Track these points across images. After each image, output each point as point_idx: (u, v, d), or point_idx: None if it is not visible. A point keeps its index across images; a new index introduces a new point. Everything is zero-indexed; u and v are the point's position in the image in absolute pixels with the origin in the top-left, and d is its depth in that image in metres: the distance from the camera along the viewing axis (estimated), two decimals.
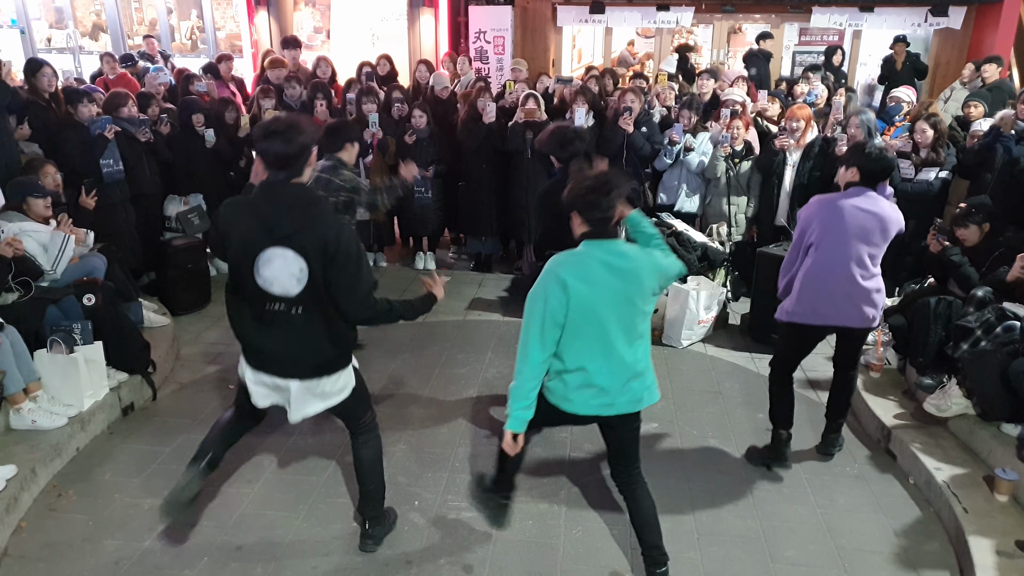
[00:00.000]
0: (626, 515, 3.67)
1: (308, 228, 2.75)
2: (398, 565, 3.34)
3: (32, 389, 4.04)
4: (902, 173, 5.56)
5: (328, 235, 2.76)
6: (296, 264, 2.77)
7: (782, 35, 10.40)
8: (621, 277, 2.75)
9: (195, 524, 3.56)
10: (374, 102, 6.57)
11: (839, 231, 3.69)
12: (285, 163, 2.77)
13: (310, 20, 11.30)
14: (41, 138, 5.70)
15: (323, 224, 2.77)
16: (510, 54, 9.81)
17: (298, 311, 2.86)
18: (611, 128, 6.20)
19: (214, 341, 5.53)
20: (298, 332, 2.90)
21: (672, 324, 5.57)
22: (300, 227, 2.75)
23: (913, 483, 3.99)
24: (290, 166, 2.78)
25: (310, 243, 2.75)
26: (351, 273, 2.83)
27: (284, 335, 2.90)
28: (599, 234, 2.80)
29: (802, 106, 6.32)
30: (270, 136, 2.74)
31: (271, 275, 2.80)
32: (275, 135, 2.73)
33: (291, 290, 2.81)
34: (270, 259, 2.78)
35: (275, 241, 2.76)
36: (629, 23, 10.31)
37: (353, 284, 2.85)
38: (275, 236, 2.76)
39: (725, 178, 6.11)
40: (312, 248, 2.75)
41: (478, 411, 4.64)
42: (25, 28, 10.73)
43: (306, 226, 2.75)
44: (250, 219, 2.80)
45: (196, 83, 7.28)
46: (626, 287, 2.75)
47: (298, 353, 2.95)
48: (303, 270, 2.78)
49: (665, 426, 4.48)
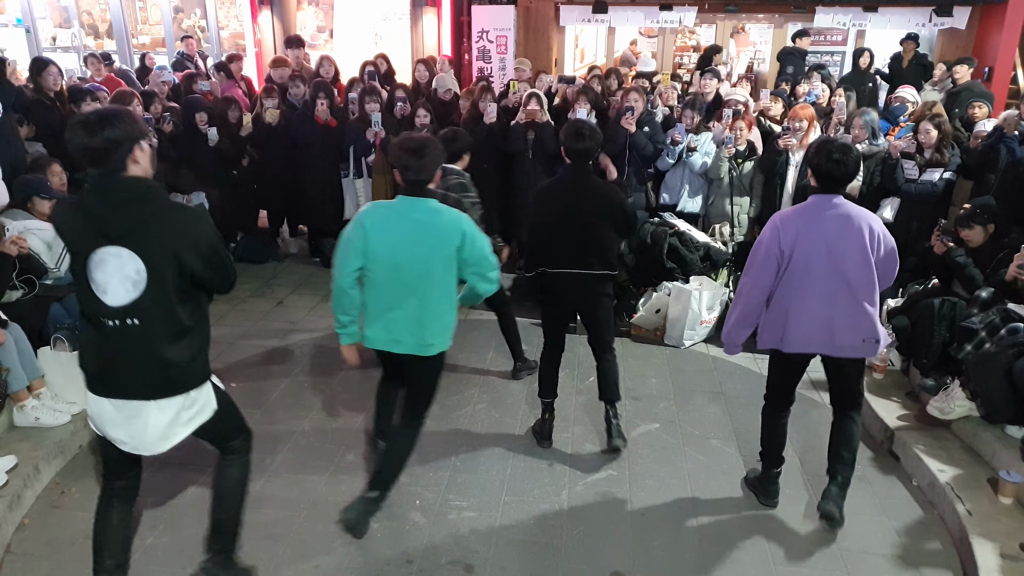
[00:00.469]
0: (629, 515, 3.69)
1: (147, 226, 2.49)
2: (399, 564, 3.34)
3: (36, 386, 4.05)
4: (906, 174, 5.55)
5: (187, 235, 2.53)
6: (132, 265, 2.49)
7: (785, 35, 10.38)
8: (420, 231, 3.16)
9: (195, 523, 3.56)
10: (377, 101, 6.57)
11: (819, 248, 3.24)
12: (96, 158, 2.45)
13: (313, 19, 11.30)
14: (46, 137, 5.71)
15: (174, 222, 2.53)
16: (512, 54, 9.80)
17: (133, 324, 2.55)
18: (613, 127, 6.19)
19: (214, 339, 5.50)
20: (137, 350, 2.58)
21: (674, 324, 5.56)
22: (134, 226, 2.48)
23: (916, 485, 3.98)
24: (105, 161, 2.46)
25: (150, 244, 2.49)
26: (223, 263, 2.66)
27: (126, 351, 2.59)
28: (410, 192, 3.21)
29: (805, 106, 6.31)
30: (74, 128, 2.43)
31: (103, 280, 2.51)
32: (81, 126, 2.42)
33: (125, 298, 2.52)
34: (102, 260, 2.50)
35: (109, 241, 2.48)
36: (632, 23, 10.30)
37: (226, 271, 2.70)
38: (108, 236, 2.48)
39: (728, 178, 6.10)
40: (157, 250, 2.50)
41: (479, 411, 4.64)
42: (31, 27, 10.74)
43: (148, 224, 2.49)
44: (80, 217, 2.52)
45: (199, 82, 7.29)
46: (423, 240, 3.16)
47: (143, 369, 2.61)
48: (140, 272, 2.50)
49: (667, 427, 4.47)
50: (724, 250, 6.00)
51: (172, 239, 2.52)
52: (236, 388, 4.82)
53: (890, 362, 4.88)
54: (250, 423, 3.18)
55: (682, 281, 5.66)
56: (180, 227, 2.54)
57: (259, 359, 5.23)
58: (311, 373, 5.03)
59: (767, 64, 10.78)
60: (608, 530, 3.60)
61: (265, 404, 4.60)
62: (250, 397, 4.67)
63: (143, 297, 2.52)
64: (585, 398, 4.68)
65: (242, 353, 5.28)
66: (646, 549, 3.48)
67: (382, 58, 8.06)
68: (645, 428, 4.46)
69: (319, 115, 6.56)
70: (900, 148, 5.65)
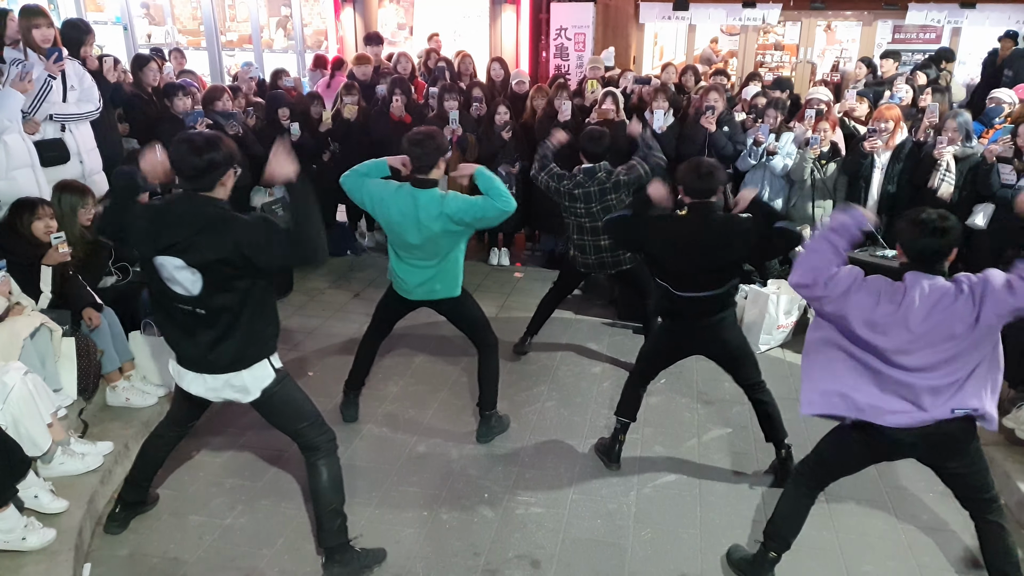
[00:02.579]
0: (697, 520, 3.64)
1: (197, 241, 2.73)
2: (467, 556, 3.38)
3: (126, 369, 4.26)
4: (1003, 179, 5.29)
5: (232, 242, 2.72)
6: (186, 271, 2.77)
7: (874, 33, 10.02)
8: (416, 207, 3.66)
9: (272, 505, 3.68)
10: (455, 99, 6.64)
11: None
12: (194, 175, 2.76)
13: (394, 16, 11.49)
14: (141, 132, 5.98)
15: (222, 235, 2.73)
16: (591, 51, 9.76)
17: (200, 311, 2.85)
18: (692, 127, 6.10)
19: (295, 328, 5.69)
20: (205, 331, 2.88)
21: (750, 328, 5.45)
22: (192, 242, 2.73)
23: (1004, 504, 3.80)
24: (199, 179, 2.77)
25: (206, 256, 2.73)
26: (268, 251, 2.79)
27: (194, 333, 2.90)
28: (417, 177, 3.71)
29: (891, 106, 6.09)
30: (180, 146, 2.76)
31: (169, 275, 2.82)
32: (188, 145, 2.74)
33: (188, 291, 2.81)
34: (163, 263, 2.80)
35: (158, 252, 2.78)
36: (713, 20, 10.12)
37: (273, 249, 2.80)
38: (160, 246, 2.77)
39: (811, 180, 5.94)
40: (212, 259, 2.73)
41: (548, 407, 4.65)
42: (128, 25, 11.26)
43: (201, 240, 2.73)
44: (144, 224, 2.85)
45: (284, 78, 7.51)
46: (416, 215, 3.66)
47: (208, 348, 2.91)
48: (196, 273, 2.77)
49: (739, 432, 4.39)
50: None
51: (212, 251, 2.73)
52: (313, 377, 4.96)
53: None
54: (323, 412, 3.26)
55: (759, 284, 5.54)
56: (240, 238, 2.72)
57: (336, 349, 5.36)
58: (385, 364, 5.13)
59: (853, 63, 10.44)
60: (676, 534, 3.56)
61: (339, 394, 4.72)
62: (325, 386, 4.80)
63: (203, 293, 2.80)
64: (656, 399, 4.64)
65: (320, 343, 5.42)
66: (714, 554, 3.43)
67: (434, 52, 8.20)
68: (717, 432, 4.39)
69: (394, 111, 6.67)
70: (996, 152, 5.39)
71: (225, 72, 11.14)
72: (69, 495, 3.44)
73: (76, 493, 3.48)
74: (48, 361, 3.79)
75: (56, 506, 3.34)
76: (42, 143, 4.65)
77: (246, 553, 3.38)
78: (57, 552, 3.15)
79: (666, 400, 4.62)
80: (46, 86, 4.58)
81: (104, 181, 5.05)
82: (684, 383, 4.74)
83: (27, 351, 3.61)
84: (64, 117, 4.76)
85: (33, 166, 4.45)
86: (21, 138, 4.41)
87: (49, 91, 4.61)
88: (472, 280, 6.72)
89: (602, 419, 4.52)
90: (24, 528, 3.13)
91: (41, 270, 4.03)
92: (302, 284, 6.54)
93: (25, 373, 3.38)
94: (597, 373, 5.10)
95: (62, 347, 3.90)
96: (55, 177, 4.53)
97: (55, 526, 3.24)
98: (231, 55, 11.53)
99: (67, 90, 4.76)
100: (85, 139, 4.93)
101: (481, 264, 7.21)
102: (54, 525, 3.24)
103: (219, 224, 2.75)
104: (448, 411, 4.59)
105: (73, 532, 3.27)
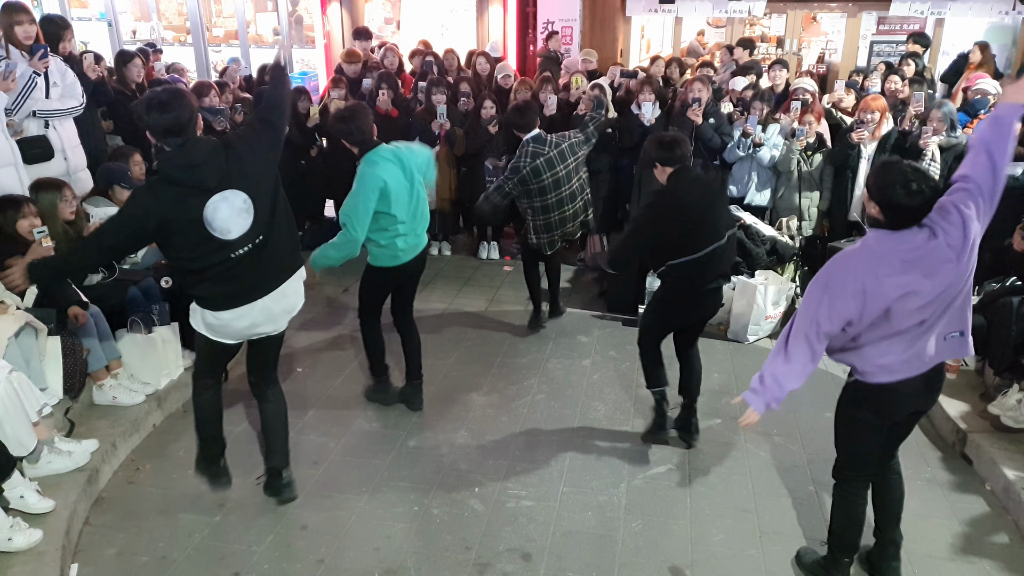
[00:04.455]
0: (688, 510, 3.66)
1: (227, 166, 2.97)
2: (457, 550, 3.39)
3: (113, 367, 4.23)
4: None
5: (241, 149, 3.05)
6: (238, 198, 2.97)
7: (859, 25, 10.05)
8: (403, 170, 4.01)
9: (262, 502, 3.67)
10: (443, 93, 6.62)
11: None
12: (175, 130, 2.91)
13: (381, 11, 11.44)
14: (125, 129, 5.93)
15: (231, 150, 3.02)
16: (578, 45, 9.75)
17: (260, 241, 3.07)
18: (678, 119, 6.11)
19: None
20: (271, 255, 3.13)
21: (738, 319, 5.47)
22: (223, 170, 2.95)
23: (990, 489, 3.84)
24: (183, 131, 2.92)
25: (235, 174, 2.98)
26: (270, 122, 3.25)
27: (260, 265, 3.11)
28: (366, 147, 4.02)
29: (876, 97, 6.11)
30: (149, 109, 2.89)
31: (223, 224, 2.95)
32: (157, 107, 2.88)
33: (245, 226, 3.00)
34: (216, 209, 2.93)
35: (212, 191, 2.93)
36: (700, 13, 10.13)
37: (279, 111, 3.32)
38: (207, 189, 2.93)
39: (797, 171, 5.96)
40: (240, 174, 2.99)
41: (538, 400, 4.65)
42: (112, 21, 11.16)
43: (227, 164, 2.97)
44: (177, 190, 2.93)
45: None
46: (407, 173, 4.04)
47: (278, 267, 3.20)
48: (247, 200, 2.99)
49: (729, 422, 4.41)
50: (791, 244, 5.87)
51: (253, 168, 3.04)
52: (301, 373, 4.95)
53: (964, 362, 4.70)
54: (313, 408, 3.27)
55: (747, 275, 5.56)
56: (242, 144, 3.08)
57: (325, 345, 5.35)
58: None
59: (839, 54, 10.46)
60: (666, 524, 3.57)
61: (330, 389, 4.71)
62: (314, 382, 4.79)
63: (257, 218, 3.02)
64: (645, 391, 4.64)
65: (309, 339, 5.40)
66: (705, 545, 3.44)
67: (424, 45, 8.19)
68: (707, 423, 4.40)
69: (380, 105, 6.64)
70: None
71: (211, 68, 11.06)
72: (56, 495, 3.42)
73: (63, 493, 3.46)
74: (33, 360, 3.76)
75: (42, 506, 3.32)
76: (26, 140, 4.61)
77: (236, 551, 3.36)
78: (44, 552, 3.13)
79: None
80: (30, 83, 4.55)
81: (88, 178, 5.02)
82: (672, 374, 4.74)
83: (11, 350, 3.57)
84: (47, 113, 4.72)
85: (16, 164, 4.40)
86: (4, 137, 4.37)
87: (33, 88, 4.57)
88: (461, 274, 6.72)
89: (592, 411, 4.53)
90: (10, 528, 3.11)
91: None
92: None
93: (10, 372, 3.35)
94: (587, 366, 5.10)
95: (47, 346, 3.86)
96: (39, 174, 4.49)
97: (42, 526, 3.22)
98: (217, 51, 11.46)
99: (50, 86, 4.73)
100: (69, 136, 4.89)
101: (470, 258, 7.20)
102: (41, 525, 3.22)
103: (234, 141, 3.10)
104: (438, 405, 4.58)
105: (60, 532, 3.25)
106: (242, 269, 3.07)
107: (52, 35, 4.96)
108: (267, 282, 3.17)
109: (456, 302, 6.12)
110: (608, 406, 4.58)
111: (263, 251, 3.09)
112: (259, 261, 3.10)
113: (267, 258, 3.12)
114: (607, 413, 4.52)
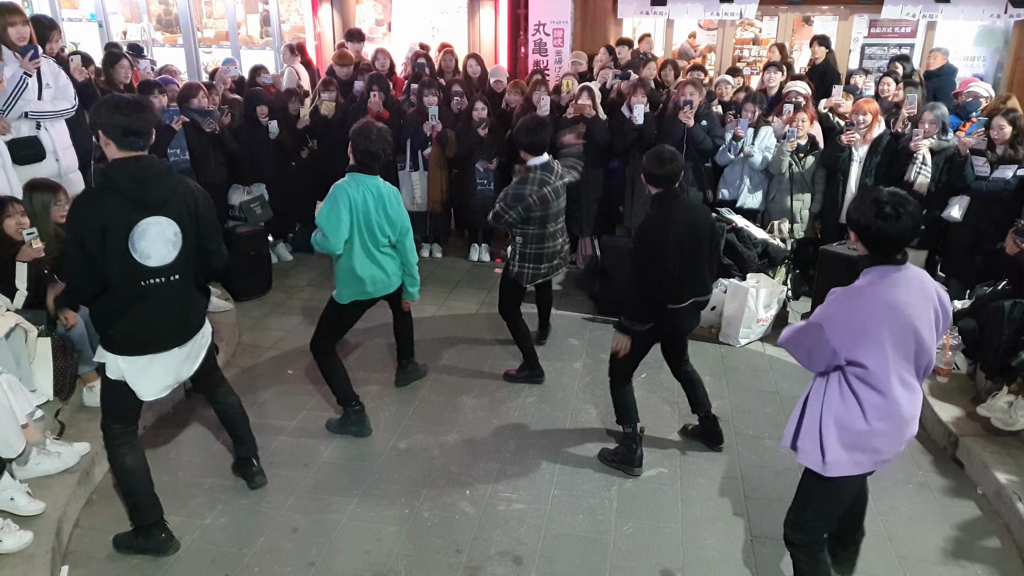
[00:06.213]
0: (679, 513, 3.66)
1: (174, 195, 2.97)
2: (448, 553, 3.38)
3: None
4: (977, 171, 5.36)
5: (194, 196, 3.06)
6: (171, 229, 2.96)
7: (850, 27, 10.09)
8: (376, 201, 4.00)
9: (252, 505, 3.66)
10: (435, 95, 6.61)
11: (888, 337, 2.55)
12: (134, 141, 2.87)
13: (372, 13, 11.42)
14: None
15: (185, 188, 3.04)
16: (569, 47, 9.76)
17: (175, 280, 3.04)
18: (670, 122, 6.12)
19: (274, 327, 5.66)
20: (179, 296, 3.08)
21: (730, 322, 5.48)
22: (168, 195, 2.95)
23: (981, 493, 3.86)
24: (140, 144, 2.89)
25: (178, 209, 2.98)
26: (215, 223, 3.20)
27: (167, 304, 3.05)
28: (363, 169, 4.00)
29: (868, 100, 6.14)
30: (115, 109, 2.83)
31: (146, 247, 2.92)
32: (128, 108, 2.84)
33: (167, 257, 2.98)
34: (145, 230, 2.90)
35: (148, 212, 2.91)
36: (691, 15, 10.13)
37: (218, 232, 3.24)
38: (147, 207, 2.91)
39: (789, 174, 5.98)
40: (183, 212, 3.00)
41: (529, 403, 4.65)
42: (103, 22, 11.10)
43: (173, 193, 2.97)
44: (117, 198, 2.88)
45: (263, 75, 7.44)
46: (377, 208, 4.01)
47: (182, 318, 3.15)
48: (177, 234, 2.98)
49: (720, 425, 4.41)
50: (782, 247, 5.89)
51: (196, 204, 3.05)
52: (292, 375, 4.93)
53: (955, 366, 4.73)
54: (304, 410, 3.25)
55: (739, 278, 5.57)
56: (198, 195, 3.10)
57: None
58: (364, 362, 5.11)
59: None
60: (658, 528, 3.57)
61: (321, 390, 4.69)
62: (304, 385, 4.78)
63: (180, 255, 3.01)
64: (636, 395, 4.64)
65: (299, 341, 5.38)
66: (696, 548, 3.44)
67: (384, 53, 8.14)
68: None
69: (371, 107, 6.63)
70: (970, 144, 5.45)
71: (202, 69, 11.02)
72: (46, 497, 3.40)
73: (53, 495, 3.44)
74: (23, 361, 3.74)
75: (33, 508, 3.30)
76: (18, 141, 4.59)
77: (226, 553, 3.35)
78: (34, 555, 3.11)
79: (646, 395, 4.63)
80: (21, 84, 4.52)
81: (80, 180, 5.00)
82: (663, 378, 4.74)
83: (1, 351, 3.56)
84: (39, 115, 4.70)
85: (4, 165, 4.38)
86: None
87: (24, 89, 4.55)
88: (452, 276, 6.71)
89: (583, 414, 4.53)
90: (0, 531, 3.08)
91: (16, 267, 3.98)
92: (281, 282, 6.50)
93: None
94: (578, 368, 5.10)
95: (38, 347, 3.85)
96: (31, 175, 4.47)
97: (32, 528, 3.20)
98: (208, 52, 11.41)
99: (42, 88, 4.70)
100: (61, 137, 4.86)
101: (461, 260, 7.19)
102: (31, 527, 3.21)
103: (195, 187, 3.12)
104: (429, 408, 4.58)
105: (50, 534, 3.23)
106: (147, 304, 2.98)
107: (38, 36, 4.93)
108: (171, 331, 3.10)
109: (447, 304, 6.11)
110: (599, 409, 4.58)
111: (172, 290, 3.03)
112: (167, 299, 3.02)
113: (175, 298, 3.05)
114: (598, 416, 4.52)
